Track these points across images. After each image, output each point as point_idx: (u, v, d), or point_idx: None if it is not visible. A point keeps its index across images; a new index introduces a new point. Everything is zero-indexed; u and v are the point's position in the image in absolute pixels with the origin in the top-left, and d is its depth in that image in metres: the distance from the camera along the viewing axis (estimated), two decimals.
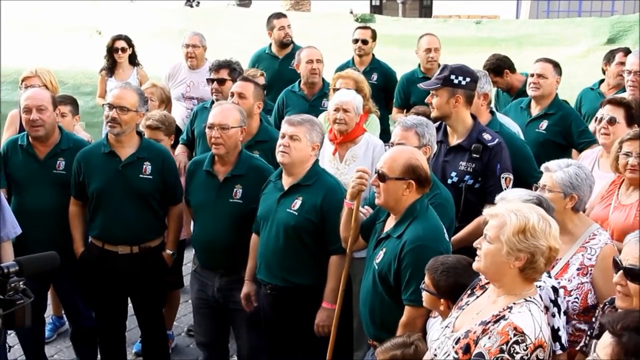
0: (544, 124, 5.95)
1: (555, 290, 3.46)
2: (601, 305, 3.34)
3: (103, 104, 4.95)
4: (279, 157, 4.51)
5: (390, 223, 3.95)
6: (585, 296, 3.76)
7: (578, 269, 3.78)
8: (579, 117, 6.13)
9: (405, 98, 7.17)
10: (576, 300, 3.76)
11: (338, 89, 5.82)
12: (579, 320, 3.77)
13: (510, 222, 2.93)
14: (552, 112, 5.99)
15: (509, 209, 3.00)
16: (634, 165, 4.30)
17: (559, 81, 6.11)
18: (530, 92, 6.08)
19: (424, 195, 3.92)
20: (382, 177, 3.85)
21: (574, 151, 6.11)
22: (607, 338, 2.54)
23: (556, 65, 6.13)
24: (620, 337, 2.50)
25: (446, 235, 3.94)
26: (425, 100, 4.90)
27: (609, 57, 6.84)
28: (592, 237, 3.84)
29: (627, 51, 6.80)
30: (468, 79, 4.79)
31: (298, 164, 4.50)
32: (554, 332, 3.36)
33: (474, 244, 3.06)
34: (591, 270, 3.76)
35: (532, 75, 6.05)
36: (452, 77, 4.76)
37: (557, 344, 3.37)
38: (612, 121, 4.93)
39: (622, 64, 6.57)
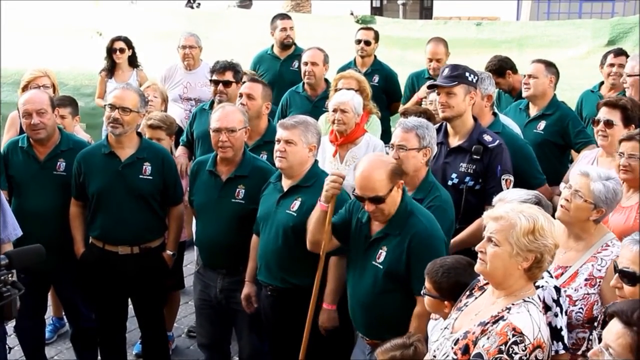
0: (542, 125, 5.95)
1: (557, 290, 3.44)
2: (603, 310, 3.32)
3: (104, 105, 4.94)
4: (277, 163, 4.52)
5: (380, 222, 3.99)
6: (591, 307, 3.65)
7: (586, 280, 3.68)
8: (576, 118, 6.14)
9: (412, 96, 7.18)
10: (580, 310, 3.66)
11: (340, 90, 5.83)
12: (582, 329, 3.69)
13: (520, 223, 2.92)
14: (549, 112, 5.99)
15: (514, 210, 2.99)
16: (625, 166, 4.31)
17: (554, 80, 6.09)
18: (523, 92, 6.13)
19: (404, 189, 3.99)
20: (377, 200, 3.86)
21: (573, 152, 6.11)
22: (618, 327, 2.52)
23: (549, 65, 6.13)
24: (638, 326, 2.48)
25: (436, 220, 4.00)
26: (438, 100, 4.82)
27: (603, 60, 6.87)
28: (604, 247, 3.72)
29: (617, 52, 6.84)
30: (477, 78, 4.82)
31: (296, 167, 4.51)
32: (557, 332, 3.35)
33: (476, 248, 3.06)
34: (599, 282, 3.65)
35: (525, 77, 6.10)
36: (467, 74, 4.77)
37: (560, 343, 3.36)
38: (608, 123, 4.92)
39: (612, 65, 6.65)
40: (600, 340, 3.00)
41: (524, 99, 6.27)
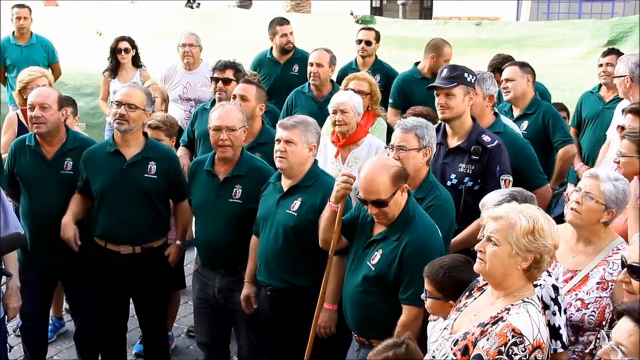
0: (525, 124, 6.03)
1: (555, 288, 3.45)
2: (613, 307, 3.32)
3: (112, 102, 4.93)
4: (277, 163, 4.52)
5: (383, 225, 3.99)
6: (603, 311, 3.64)
7: (598, 283, 3.68)
8: (557, 115, 6.17)
9: (403, 99, 7.07)
10: (593, 313, 3.65)
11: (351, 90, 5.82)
12: (593, 333, 3.64)
13: (520, 223, 2.93)
14: (531, 111, 6.09)
15: (514, 210, 2.99)
16: (617, 162, 4.36)
17: (531, 79, 6.17)
18: (504, 97, 6.21)
19: (410, 193, 3.99)
20: (380, 203, 3.86)
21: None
22: (629, 325, 2.52)
23: (523, 65, 6.23)
24: None
25: (438, 231, 3.99)
26: (438, 102, 4.80)
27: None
28: (615, 251, 3.71)
29: (606, 52, 6.94)
30: (475, 79, 4.83)
31: (296, 167, 4.51)
32: (555, 330, 3.36)
33: (475, 247, 3.06)
34: (612, 285, 3.64)
35: (503, 82, 6.15)
36: (465, 75, 4.78)
37: (558, 342, 3.37)
38: (623, 129, 4.95)
39: (601, 65, 6.74)
40: (608, 338, 3.01)
41: (507, 102, 6.32)
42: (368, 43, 7.60)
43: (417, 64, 7.26)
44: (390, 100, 7.17)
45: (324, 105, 6.58)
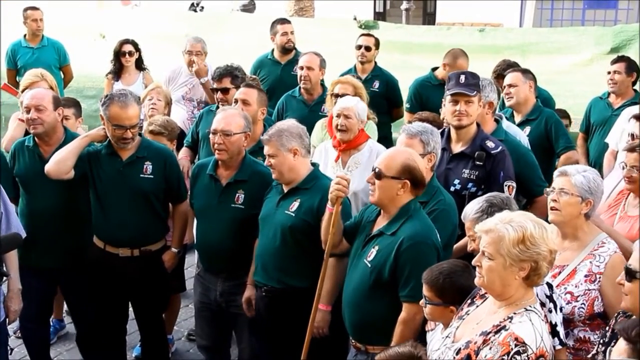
0: (527, 130, 6.02)
1: (549, 286, 3.47)
2: (615, 315, 3.32)
3: (114, 124, 4.90)
4: (273, 176, 4.56)
5: (381, 221, 4.00)
6: (592, 303, 3.72)
7: (586, 276, 3.75)
8: (559, 121, 6.19)
9: (420, 103, 7.07)
10: (582, 306, 3.72)
11: (336, 95, 5.84)
12: (583, 327, 3.75)
13: (508, 234, 2.93)
14: (533, 117, 6.09)
15: (502, 222, 2.98)
16: (628, 177, 4.34)
17: (533, 85, 6.19)
18: (506, 103, 6.20)
19: (416, 197, 3.98)
20: (378, 174, 3.90)
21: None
22: (622, 345, 2.55)
23: (525, 72, 6.24)
24: (635, 343, 2.54)
25: (437, 233, 3.98)
26: (456, 108, 4.76)
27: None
28: (601, 244, 3.80)
29: (615, 60, 6.96)
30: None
31: (288, 174, 4.54)
32: (552, 328, 3.37)
33: (473, 262, 3.07)
34: (599, 277, 3.72)
35: (505, 88, 6.15)
36: (480, 82, 4.83)
37: (556, 339, 3.38)
38: (634, 137, 4.95)
39: (609, 72, 6.79)
40: (606, 347, 3.02)
41: (509, 108, 6.31)
42: (368, 49, 7.59)
43: (434, 69, 7.28)
44: (407, 105, 7.23)
45: (315, 108, 6.61)
